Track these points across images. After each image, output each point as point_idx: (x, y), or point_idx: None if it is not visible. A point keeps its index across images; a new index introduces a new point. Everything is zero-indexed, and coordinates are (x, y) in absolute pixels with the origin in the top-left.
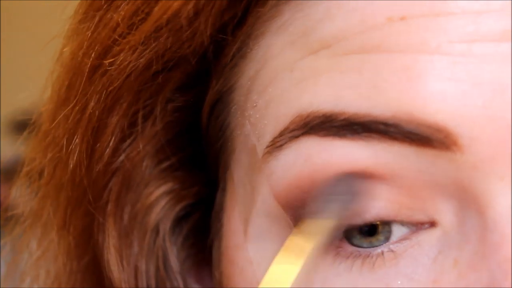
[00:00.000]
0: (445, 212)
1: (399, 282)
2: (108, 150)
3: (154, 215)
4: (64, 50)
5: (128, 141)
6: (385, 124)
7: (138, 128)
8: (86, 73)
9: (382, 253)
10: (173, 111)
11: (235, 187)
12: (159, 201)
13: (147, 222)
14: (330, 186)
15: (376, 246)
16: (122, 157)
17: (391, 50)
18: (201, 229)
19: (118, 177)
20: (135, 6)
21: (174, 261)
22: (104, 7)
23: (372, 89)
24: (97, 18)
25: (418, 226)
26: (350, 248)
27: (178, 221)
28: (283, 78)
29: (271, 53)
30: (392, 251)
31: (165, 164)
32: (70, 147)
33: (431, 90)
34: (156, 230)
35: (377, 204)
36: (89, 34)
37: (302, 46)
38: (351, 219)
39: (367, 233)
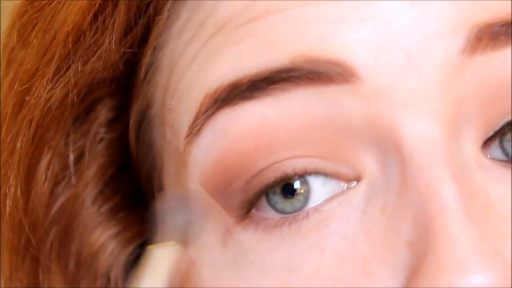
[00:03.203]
0: (367, 162)
1: (333, 241)
2: (44, 191)
3: (103, 261)
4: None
5: (63, 184)
6: (285, 70)
7: (71, 171)
8: (11, 108)
9: (308, 214)
10: (104, 150)
11: None
12: (106, 246)
13: (95, 269)
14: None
15: (299, 208)
16: (61, 200)
17: (277, 10)
18: None
19: (60, 222)
20: (45, 38)
21: None
22: (22, 41)
23: (266, 47)
24: (22, 53)
25: (344, 180)
26: (276, 215)
27: (131, 264)
28: (188, 70)
29: (176, 54)
30: (317, 210)
31: (107, 207)
32: (5, 188)
33: (320, 32)
34: (107, 277)
35: (297, 159)
36: (17, 67)
37: (201, 36)
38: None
39: (287, 194)
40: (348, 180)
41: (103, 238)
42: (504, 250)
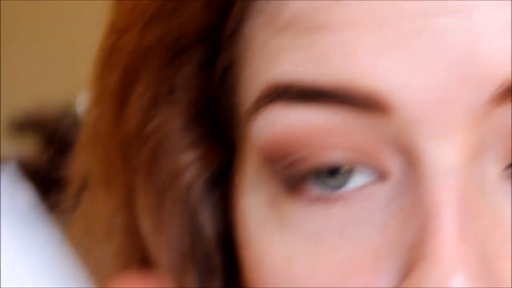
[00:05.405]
0: (395, 164)
1: (352, 227)
2: (136, 116)
3: (187, 178)
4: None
5: (156, 110)
6: (329, 91)
7: (163, 99)
8: (105, 54)
9: (342, 197)
10: (197, 86)
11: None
12: (191, 165)
13: (180, 185)
14: None
15: (337, 187)
16: (153, 124)
17: (332, 30)
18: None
19: (150, 143)
20: None
21: (208, 226)
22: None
23: (318, 64)
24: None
25: (377, 173)
26: (316, 190)
27: (210, 183)
28: (258, 55)
29: (251, 34)
30: (344, 198)
31: (197, 132)
32: (100, 114)
33: (363, 63)
34: (188, 193)
35: (337, 153)
36: (114, 18)
37: (272, 27)
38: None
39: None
40: (381, 171)
41: (189, 157)
42: (503, 270)
